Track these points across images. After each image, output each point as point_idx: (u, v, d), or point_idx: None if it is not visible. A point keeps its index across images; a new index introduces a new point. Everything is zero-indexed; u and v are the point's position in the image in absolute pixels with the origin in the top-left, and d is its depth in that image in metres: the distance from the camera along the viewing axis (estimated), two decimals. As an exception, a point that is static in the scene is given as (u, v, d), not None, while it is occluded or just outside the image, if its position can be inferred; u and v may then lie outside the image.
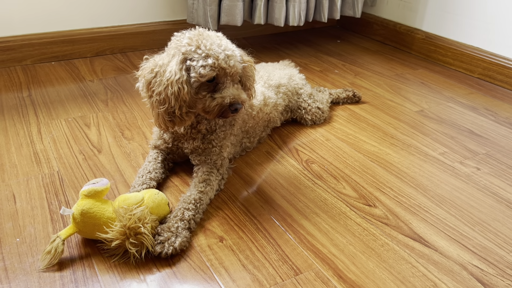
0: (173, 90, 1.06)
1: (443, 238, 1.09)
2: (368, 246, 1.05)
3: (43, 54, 1.97)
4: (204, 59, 1.07)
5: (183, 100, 1.07)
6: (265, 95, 1.40)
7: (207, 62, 1.07)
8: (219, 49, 1.09)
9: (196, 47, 1.08)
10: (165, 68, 1.08)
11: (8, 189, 1.17)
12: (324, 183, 1.27)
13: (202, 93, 1.10)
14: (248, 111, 1.32)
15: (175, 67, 1.07)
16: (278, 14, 2.08)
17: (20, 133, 1.43)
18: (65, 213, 0.95)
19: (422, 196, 1.24)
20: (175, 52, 1.10)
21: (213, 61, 1.07)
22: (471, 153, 1.46)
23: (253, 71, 1.23)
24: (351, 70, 2.11)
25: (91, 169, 1.28)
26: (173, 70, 1.07)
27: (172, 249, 0.99)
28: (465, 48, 2.12)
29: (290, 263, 0.99)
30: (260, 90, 1.39)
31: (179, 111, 1.08)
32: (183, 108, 1.08)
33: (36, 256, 0.97)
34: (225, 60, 1.08)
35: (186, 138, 1.23)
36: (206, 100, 1.10)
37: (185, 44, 1.10)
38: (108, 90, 1.76)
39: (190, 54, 1.08)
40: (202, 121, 1.20)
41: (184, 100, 1.07)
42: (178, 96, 1.06)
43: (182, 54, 1.09)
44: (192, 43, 1.09)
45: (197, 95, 1.10)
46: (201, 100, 1.10)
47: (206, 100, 1.10)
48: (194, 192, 1.12)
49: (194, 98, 1.10)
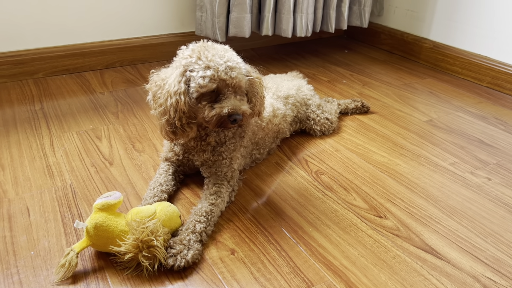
0: (171, 101, 1.09)
1: (455, 250, 1.09)
2: (380, 258, 1.05)
3: (55, 67, 2.00)
4: (203, 70, 1.09)
5: (181, 111, 1.10)
6: (274, 107, 1.41)
7: (206, 73, 1.08)
8: (220, 60, 1.10)
9: (197, 58, 1.11)
10: (166, 80, 1.11)
11: (22, 202, 1.19)
12: (334, 194, 1.28)
13: (202, 103, 1.12)
14: (258, 122, 1.33)
15: (174, 79, 1.11)
16: (286, 26, 2.10)
17: (33, 146, 1.45)
18: (78, 226, 0.96)
19: (433, 207, 1.24)
20: (178, 64, 1.14)
21: (212, 73, 1.08)
22: (481, 163, 1.46)
23: (261, 87, 1.23)
24: (359, 80, 2.12)
25: (103, 181, 1.29)
26: (172, 82, 1.10)
27: (185, 262, 0.99)
28: (473, 57, 2.12)
29: (302, 276, 0.99)
30: (269, 102, 1.40)
31: (179, 122, 1.11)
32: (183, 119, 1.11)
33: (50, 269, 0.98)
34: (226, 71, 1.09)
35: (196, 150, 1.24)
36: (205, 110, 1.11)
37: (187, 56, 1.13)
38: (119, 103, 1.79)
39: (190, 65, 1.11)
40: (211, 134, 1.21)
41: (182, 111, 1.09)
42: (177, 107, 1.09)
43: (183, 66, 1.12)
44: (194, 54, 1.12)
45: (198, 106, 1.12)
46: (201, 110, 1.12)
47: (205, 110, 1.11)
48: (205, 204, 1.12)
49: (194, 109, 1.12)
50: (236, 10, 2.00)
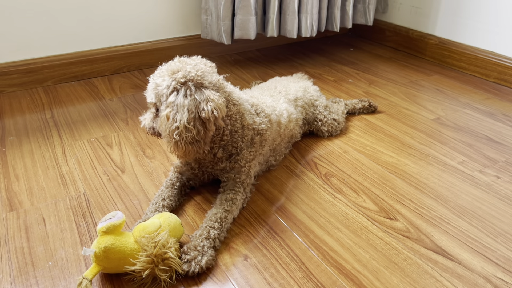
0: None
1: (466, 251, 1.09)
2: (391, 260, 1.06)
3: (63, 74, 2.02)
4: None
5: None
6: (289, 112, 1.43)
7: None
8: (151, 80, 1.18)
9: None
10: None
11: (38, 212, 1.21)
12: (344, 197, 1.29)
13: None
14: (276, 129, 1.35)
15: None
16: (291, 26, 2.11)
17: (46, 155, 1.47)
18: (86, 253, 0.95)
19: (442, 207, 1.25)
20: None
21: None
22: (490, 161, 1.46)
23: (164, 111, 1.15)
24: (365, 79, 2.12)
25: (116, 190, 1.31)
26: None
27: (199, 268, 1.01)
28: (479, 53, 2.12)
29: (314, 280, 1.01)
30: (284, 107, 1.41)
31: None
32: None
33: (68, 279, 1.00)
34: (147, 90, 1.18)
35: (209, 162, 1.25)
36: None
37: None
38: (128, 109, 1.81)
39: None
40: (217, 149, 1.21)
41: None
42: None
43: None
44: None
45: None
46: None
47: None
48: (220, 210, 1.14)
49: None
50: (241, 12, 2.01)
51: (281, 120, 1.37)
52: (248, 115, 1.24)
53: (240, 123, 1.22)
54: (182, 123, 1.08)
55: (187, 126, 1.08)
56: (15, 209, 1.23)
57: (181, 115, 1.08)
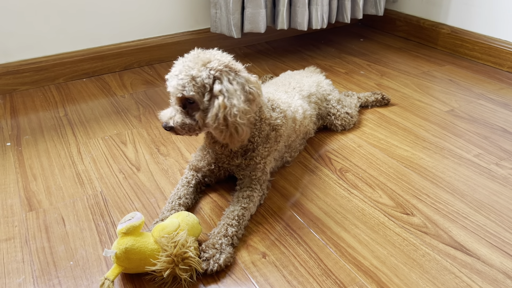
0: None
1: (484, 246, 1.09)
2: (410, 257, 1.07)
3: (75, 71, 2.02)
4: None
5: None
6: (304, 108, 1.42)
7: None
8: (172, 72, 1.14)
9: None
10: None
11: (57, 212, 1.23)
12: (360, 193, 1.29)
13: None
14: (292, 125, 1.34)
15: None
16: (301, 19, 2.09)
17: (62, 154, 1.49)
18: (107, 254, 0.96)
19: (459, 202, 1.24)
20: None
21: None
22: (506, 153, 1.45)
23: (219, 107, 1.10)
24: (377, 70, 2.11)
25: (132, 188, 1.32)
26: None
27: (217, 266, 1.02)
28: (492, 42, 2.09)
29: (333, 278, 1.01)
30: (299, 103, 1.41)
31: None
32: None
33: (90, 278, 1.02)
34: (169, 82, 1.13)
35: (226, 157, 1.25)
36: None
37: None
38: (140, 105, 1.81)
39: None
40: None
41: None
42: None
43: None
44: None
45: None
46: None
47: None
48: (237, 208, 1.15)
49: None
50: (250, 5, 1.99)
51: (296, 117, 1.37)
52: (265, 108, 1.24)
53: (259, 115, 1.22)
54: (241, 107, 1.09)
55: (245, 109, 1.10)
56: (34, 209, 1.24)
57: (237, 100, 1.09)
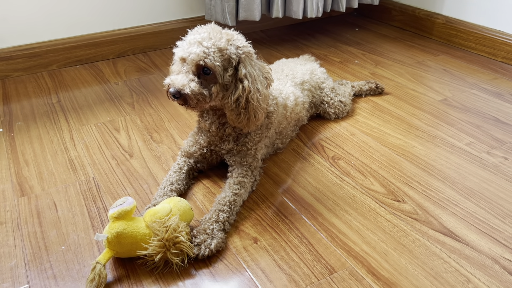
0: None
1: (473, 232, 1.10)
2: (400, 242, 1.08)
3: (68, 58, 2.01)
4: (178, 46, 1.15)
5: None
6: (295, 95, 1.42)
7: (176, 48, 1.15)
8: (193, 39, 1.12)
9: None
10: None
11: (49, 197, 1.23)
12: (352, 180, 1.29)
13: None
14: (283, 112, 1.34)
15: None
16: (296, 7, 2.08)
17: (54, 141, 1.48)
18: (99, 238, 0.97)
19: (450, 189, 1.25)
20: None
21: (178, 49, 1.14)
22: (497, 142, 1.46)
23: (248, 81, 1.13)
24: (371, 60, 2.11)
25: (125, 174, 1.32)
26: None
27: (208, 250, 1.03)
28: (487, 32, 2.09)
29: (324, 262, 1.02)
30: (290, 90, 1.41)
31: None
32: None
33: (82, 263, 1.02)
34: (188, 49, 1.10)
35: (219, 140, 1.25)
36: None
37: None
38: (133, 92, 1.80)
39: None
40: (228, 125, 1.23)
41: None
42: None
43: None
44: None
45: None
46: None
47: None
48: (229, 194, 1.15)
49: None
50: (245, -7, 1.98)
51: (288, 103, 1.37)
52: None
53: None
54: (264, 92, 1.16)
55: (266, 94, 1.17)
56: (26, 194, 1.24)
57: (260, 85, 1.15)
